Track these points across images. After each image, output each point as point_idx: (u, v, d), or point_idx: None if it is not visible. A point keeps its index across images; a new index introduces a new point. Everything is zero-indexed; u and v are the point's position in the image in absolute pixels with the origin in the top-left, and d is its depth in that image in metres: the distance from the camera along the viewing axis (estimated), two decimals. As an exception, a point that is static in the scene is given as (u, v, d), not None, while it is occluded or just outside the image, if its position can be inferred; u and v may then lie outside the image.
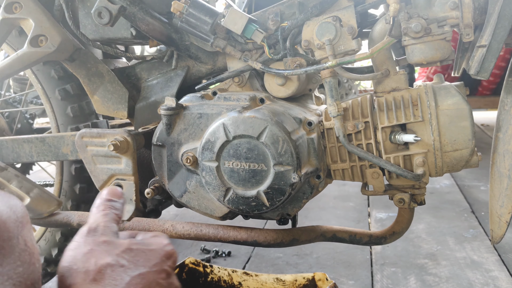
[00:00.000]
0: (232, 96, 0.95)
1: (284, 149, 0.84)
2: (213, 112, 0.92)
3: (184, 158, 0.92)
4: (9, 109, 1.90)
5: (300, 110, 0.97)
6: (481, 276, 1.55)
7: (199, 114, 0.92)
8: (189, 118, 0.93)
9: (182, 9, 0.90)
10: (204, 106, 0.94)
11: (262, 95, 0.95)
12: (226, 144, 0.88)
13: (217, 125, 0.87)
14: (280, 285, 1.18)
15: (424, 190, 0.94)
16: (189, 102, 0.96)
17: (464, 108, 0.86)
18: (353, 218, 2.15)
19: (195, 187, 0.96)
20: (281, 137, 0.84)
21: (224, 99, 0.95)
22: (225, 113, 0.90)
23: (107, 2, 0.93)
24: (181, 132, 0.94)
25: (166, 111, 0.91)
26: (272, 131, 0.84)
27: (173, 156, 0.95)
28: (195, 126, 0.93)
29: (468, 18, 0.81)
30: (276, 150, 0.84)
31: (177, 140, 0.94)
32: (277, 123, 0.85)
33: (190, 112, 0.93)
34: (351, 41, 0.87)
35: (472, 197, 2.37)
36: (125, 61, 1.38)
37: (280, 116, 0.88)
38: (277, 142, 0.84)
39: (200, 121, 0.92)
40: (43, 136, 1.23)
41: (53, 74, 1.33)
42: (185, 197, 0.98)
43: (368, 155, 0.90)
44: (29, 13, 1.05)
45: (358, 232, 1.05)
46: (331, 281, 1.08)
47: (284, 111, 0.91)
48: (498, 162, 0.87)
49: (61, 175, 1.41)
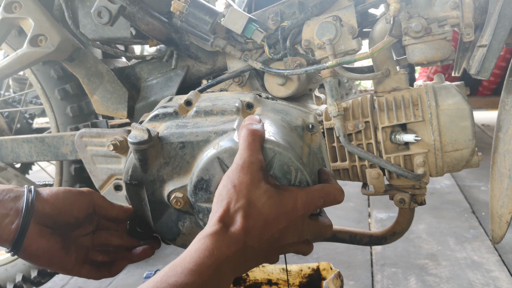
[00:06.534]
0: (214, 108, 0.77)
1: (298, 179, 0.68)
2: (198, 139, 0.72)
3: (173, 201, 0.73)
4: (8, 109, 1.90)
5: (295, 110, 0.84)
6: (481, 276, 1.54)
7: (181, 143, 0.72)
8: (169, 150, 0.72)
9: (182, 8, 0.90)
10: (185, 131, 0.73)
11: (248, 98, 0.81)
12: None
13: (210, 159, 0.68)
14: (286, 275, 1.19)
15: (424, 190, 0.94)
16: (164, 126, 0.76)
17: (465, 108, 0.86)
18: (353, 218, 2.15)
19: (191, 228, 0.78)
20: (293, 166, 0.67)
21: (204, 114, 0.77)
22: (214, 138, 0.71)
23: (106, 2, 0.92)
24: (162, 167, 0.73)
25: (137, 145, 0.69)
26: (281, 160, 0.67)
27: (155, 196, 0.75)
28: (179, 158, 0.72)
29: (469, 17, 0.81)
30: (289, 182, 0.68)
31: (158, 177, 0.74)
32: (286, 149, 0.67)
33: (169, 142, 0.72)
34: (351, 41, 0.87)
35: (473, 197, 2.37)
36: (125, 61, 1.38)
37: (283, 133, 0.73)
38: (289, 173, 0.67)
39: (183, 152, 0.72)
40: (42, 136, 1.22)
41: (53, 74, 1.33)
42: (180, 240, 0.80)
43: (369, 155, 0.89)
44: (29, 12, 1.04)
45: (359, 232, 1.05)
46: (336, 270, 1.08)
47: (282, 121, 0.77)
48: (498, 162, 0.87)
49: (60, 175, 1.41)
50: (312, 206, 0.64)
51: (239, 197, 0.59)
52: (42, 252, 0.67)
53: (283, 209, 0.61)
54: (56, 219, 0.69)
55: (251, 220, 0.58)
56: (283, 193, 0.62)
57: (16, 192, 0.68)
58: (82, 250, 0.74)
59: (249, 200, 0.59)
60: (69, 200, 0.71)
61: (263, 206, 0.59)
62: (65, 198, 0.71)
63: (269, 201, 0.60)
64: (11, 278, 1.46)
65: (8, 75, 1.12)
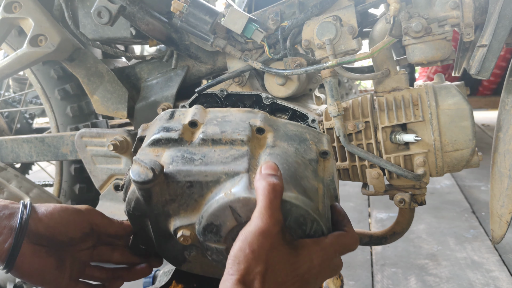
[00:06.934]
0: (222, 137, 0.71)
1: (313, 229, 0.64)
2: (207, 179, 0.66)
3: (180, 239, 0.68)
4: (8, 109, 1.90)
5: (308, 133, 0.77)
6: (481, 276, 1.54)
7: (189, 183, 0.66)
8: (176, 188, 0.66)
9: (182, 8, 0.90)
10: (193, 169, 0.66)
11: (258, 121, 0.75)
12: (237, 227, 0.65)
13: (222, 207, 0.63)
14: None
15: (424, 190, 0.94)
16: (168, 156, 0.69)
17: (465, 108, 0.86)
18: (353, 218, 2.15)
19: (197, 257, 0.75)
20: (309, 218, 0.63)
21: (212, 143, 0.71)
22: (224, 180, 0.66)
23: (106, 2, 0.92)
24: (167, 203, 0.68)
25: (141, 185, 0.64)
26: (298, 213, 0.63)
27: (160, 227, 0.71)
28: (186, 196, 0.67)
29: (469, 17, 0.81)
30: (304, 232, 0.64)
31: (163, 212, 0.69)
32: (303, 202, 0.63)
33: (175, 180, 0.66)
34: (351, 41, 0.87)
35: (473, 197, 2.37)
36: (125, 61, 1.38)
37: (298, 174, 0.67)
38: (305, 224, 0.64)
39: (191, 191, 0.67)
40: (42, 136, 1.22)
41: (53, 74, 1.33)
42: (185, 266, 0.78)
43: (369, 155, 0.89)
44: (29, 12, 1.04)
45: (359, 232, 1.05)
46: None
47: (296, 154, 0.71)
48: (498, 162, 0.87)
49: (60, 175, 1.41)
50: (327, 261, 0.64)
51: (257, 263, 0.57)
52: (35, 271, 0.67)
53: (299, 270, 0.60)
54: (50, 239, 0.69)
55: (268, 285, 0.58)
56: (300, 252, 0.61)
57: (11, 209, 0.67)
58: (78, 266, 0.73)
59: (267, 265, 0.58)
60: (65, 220, 0.70)
61: (280, 271, 0.59)
62: (60, 218, 0.70)
63: (286, 265, 0.59)
64: (11, 278, 1.46)
65: (8, 75, 1.12)
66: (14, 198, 1.14)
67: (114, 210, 1.08)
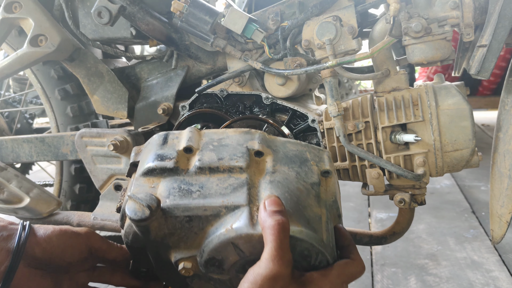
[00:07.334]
0: (219, 165, 0.67)
1: (318, 260, 0.63)
2: (207, 213, 0.64)
3: (182, 271, 0.67)
4: (8, 109, 1.90)
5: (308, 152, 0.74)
6: (481, 276, 1.54)
7: (188, 217, 0.64)
8: (174, 223, 0.64)
9: (182, 8, 0.90)
10: (191, 203, 0.64)
11: (256, 143, 0.72)
12: (240, 261, 0.64)
13: (223, 243, 0.62)
14: None
15: (424, 190, 0.94)
16: (164, 187, 0.66)
17: (465, 108, 0.86)
18: (353, 218, 2.15)
19: (200, 284, 0.73)
20: (314, 250, 0.62)
21: (209, 171, 0.67)
22: (224, 213, 0.64)
23: (107, 2, 0.92)
24: (166, 236, 0.65)
25: (138, 222, 0.61)
26: (303, 246, 0.62)
27: (160, 257, 0.69)
28: (185, 229, 0.65)
29: (469, 17, 0.81)
30: (309, 264, 0.64)
31: (162, 244, 0.66)
32: (308, 235, 0.61)
33: (173, 215, 0.63)
34: (351, 41, 0.87)
35: (473, 197, 2.37)
36: (125, 61, 1.38)
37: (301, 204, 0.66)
38: (310, 256, 0.63)
39: (190, 225, 0.64)
40: (42, 136, 1.22)
41: (53, 74, 1.33)
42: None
43: (369, 155, 0.89)
44: (29, 12, 1.05)
45: (359, 232, 1.05)
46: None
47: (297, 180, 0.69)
48: (498, 162, 0.87)
49: (60, 175, 1.41)
50: None
51: None
52: None
53: None
54: (47, 263, 0.68)
55: None
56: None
57: (9, 231, 0.67)
58: (76, 287, 0.73)
59: None
60: (62, 244, 0.69)
61: None
62: (58, 242, 0.69)
63: None
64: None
65: (8, 75, 1.12)
66: (14, 198, 1.14)
67: (114, 210, 1.08)
